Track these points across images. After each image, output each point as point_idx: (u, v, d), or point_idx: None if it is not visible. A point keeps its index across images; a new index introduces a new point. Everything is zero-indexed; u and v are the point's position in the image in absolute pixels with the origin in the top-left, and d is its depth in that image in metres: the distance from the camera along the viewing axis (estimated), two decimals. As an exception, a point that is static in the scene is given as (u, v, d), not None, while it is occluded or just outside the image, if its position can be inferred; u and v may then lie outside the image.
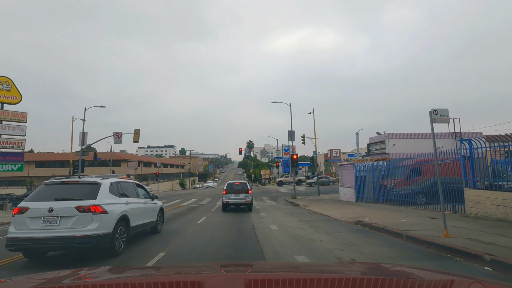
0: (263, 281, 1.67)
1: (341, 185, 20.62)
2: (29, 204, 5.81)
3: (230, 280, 1.75)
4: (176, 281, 1.61)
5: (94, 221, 5.71)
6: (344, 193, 19.97)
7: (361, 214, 11.88)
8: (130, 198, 7.28)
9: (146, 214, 8.09)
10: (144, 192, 8.59)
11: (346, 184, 19.71)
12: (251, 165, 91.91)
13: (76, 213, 5.65)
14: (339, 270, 2.15)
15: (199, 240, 8.07)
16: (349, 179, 19.18)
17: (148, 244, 7.61)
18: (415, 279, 1.60)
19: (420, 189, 13.36)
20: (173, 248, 7.07)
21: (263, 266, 2.75)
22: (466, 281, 1.53)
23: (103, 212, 5.87)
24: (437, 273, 1.97)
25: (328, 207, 16.43)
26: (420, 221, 9.37)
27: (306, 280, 1.63)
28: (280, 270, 2.26)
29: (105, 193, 6.27)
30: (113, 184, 6.80)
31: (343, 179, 20.37)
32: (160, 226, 9.38)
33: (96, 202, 5.88)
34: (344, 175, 20.11)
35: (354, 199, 18.24)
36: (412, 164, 14.54)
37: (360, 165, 18.03)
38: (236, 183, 16.98)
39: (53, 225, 5.58)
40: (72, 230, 5.57)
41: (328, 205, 17.28)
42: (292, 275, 1.90)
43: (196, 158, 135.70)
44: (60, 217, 5.61)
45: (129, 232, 6.88)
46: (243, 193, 16.27)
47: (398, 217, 10.35)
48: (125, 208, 6.72)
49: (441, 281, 1.52)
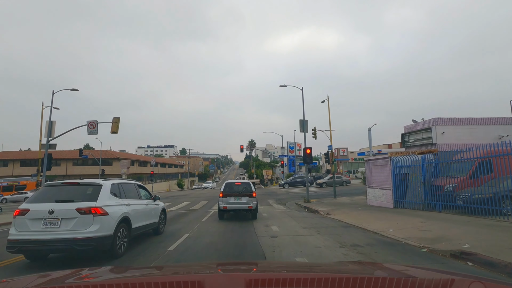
0: (264, 281, 1.67)
1: (369, 185, 16.24)
2: (30, 206, 5.80)
3: (231, 280, 1.72)
4: (177, 281, 1.63)
5: (94, 223, 5.67)
6: (374, 196, 15.58)
7: (437, 233, 7.47)
8: (131, 199, 7.22)
9: (148, 215, 7.97)
10: (146, 193, 8.50)
11: (377, 185, 15.33)
12: (252, 165, 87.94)
13: (76, 215, 5.64)
14: (339, 269, 2.11)
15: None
16: (382, 178, 14.80)
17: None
18: (416, 278, 1.58)
19: (506, 192, 9.02)
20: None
21: (264, 265, 2.71)
22: (467, 280, 1.53)
23: (104, 214, 5.82)
24: (438, 272, 1.94)
25: (361, 216, 12.06)
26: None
27: (307, 280, 1.64)
28: (280, 269, 2.26)
29: (106, 195, 6.23)
30: (114, 185, 6.77)
31: (373, 178, 15.98)
32: (162, 227, 9.26)
33: (97, 204, 5.85)
34: (375, 173, 15.74)
35: (391, 204, 13.86)
36: (479, 157, 10.17)
37: (400, 159, 13.66)
38: (237, 183, 12.66)
39: (53, 227, 5.57)
40: (72, 232, 5.54)
41: (359, 213, 12.91)
42: (292, 275, 1.90)
43: (196, 158, 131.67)
44: (61, 219, 5.61)
45: (131, 234, 6.77)
46: (246, 196, 11.94)
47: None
48: (127, 210, 6.66)
49: (441, 280, 1.51)
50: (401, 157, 13.75)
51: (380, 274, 1.83)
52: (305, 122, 20.94)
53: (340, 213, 13.34)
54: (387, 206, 14.15)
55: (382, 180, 14.86)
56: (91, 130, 19.77)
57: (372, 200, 15.75)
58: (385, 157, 14.48)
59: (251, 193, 12.02)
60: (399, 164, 13.73)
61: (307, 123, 21.11)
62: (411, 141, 16.01)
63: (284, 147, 51.01)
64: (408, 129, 16.62)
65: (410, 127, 16.55)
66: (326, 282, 1.52)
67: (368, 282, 1.57)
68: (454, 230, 7.59)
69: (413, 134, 16.10)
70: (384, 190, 14.61)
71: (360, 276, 1.78)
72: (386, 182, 14.46)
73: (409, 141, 16.33)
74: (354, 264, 2.56)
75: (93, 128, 19.78)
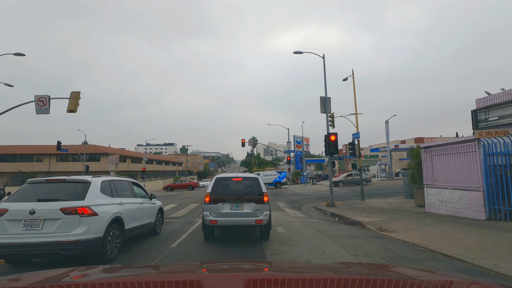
0: (262, 281, 1.64)
1: (428, 184, 11.13)
2: (8, 206, 5.21)
3: (230, 280, 1.67)
4: (176, 280, 1.58)
5: (81, 224, 5.12)
6: (440, 199, 10.45)
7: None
8: (125, 198, 6.59)
9: (143, 215, 7.33)
10: (141, 191, 7.90)
11: (447, 183, 10.22)
12: (254, 163, 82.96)
13: (61, 216, 5.07)
14: (339, 270, 2.07)
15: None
16: (459, 173, 9.70)
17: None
18: (415, 280, 1.55)
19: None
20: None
21: (263, 265, 2.64)
22: (465, 282, 1.53)
23: (92, 214, 5.24)
24: (436, 274, 1.93)
25: (452, 236, 6.98)
26: None
27: (306, 280, 1.59)
28: (279, 269, 2.24)
29: (95, 193, 5.64)
30: (105, 182, 6.16)
31: (435, 174, 10.86)
32: (159, 228, 8.49)
33: (84, 203, 5.26)
34: (440, 165, 10.63)
35: (481, 213, 8.77)
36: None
37: (499, 143, 8.53)
38: (236, 178, 7.48)
39: (34, 229, 5.02)
40: (56, 235, 4.98)
41: (439, 230, 7.82)
42: (291, 275, 1.87)
43: (196, 156, 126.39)
44: (43, 220, 5.06)
45: (124, 236, 6.16)
46: (251, 201, 6.89)
47: None
48: (119, 209, 6.05)
49: (440, 282, 1.50)
50: (500, 138, 8.60)
51: (379, 275, 1.80)
52: (328, 100, 15.77)
53: (402, 228, 8.23)
54: (471, 217, 9.03)
55: (459, 176, 9.73)
56: (40, 109, 14.67)
57: (437, 205, 10.61)
58: (467, 140, 9.33)
59: (261, 196, 6.91)
60: (498, 150, 8.60)
61: (330, 101, 15.95)
62: (493, 118, 10.89)
63: (291, 141, 45.69)
64: (484, 102, 11.45)
65: (486, 99, 11.41)
66: (325, 282, 1.53)
67: (367, 282, 1.53)
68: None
69: (494, 109, 10.95)
70: (463, 191, 9.47)
71: (359, 276, 1.74)
72: (468, 179, 9.33)
73: (487, 119, 11.17)
74: (355, 265, 2.48)
75: (43, 106, 14.68)
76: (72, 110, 14.50)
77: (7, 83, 17.10)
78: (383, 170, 49.21)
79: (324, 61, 15.85)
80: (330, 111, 16.01)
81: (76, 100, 14.76)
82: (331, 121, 20.82)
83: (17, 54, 15.22)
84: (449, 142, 10.21)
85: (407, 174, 16.13)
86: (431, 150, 11.13)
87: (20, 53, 15.33)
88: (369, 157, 60.31)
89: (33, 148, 48.95)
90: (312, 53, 16.26)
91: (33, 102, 14.71)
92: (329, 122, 15.92)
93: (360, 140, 18.22)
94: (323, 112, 15.70)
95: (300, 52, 16.21)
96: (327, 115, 15.72)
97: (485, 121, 11.31)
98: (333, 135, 14.72)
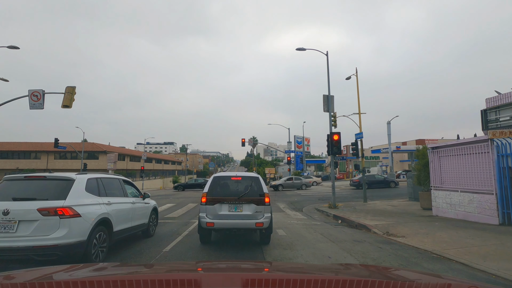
0: (260, 281, 1.62)
1: (435, 186, 10.65)
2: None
3: (228, 279, 1.64)
4: (173, 279, 1.58)
5: (62, 227, 4.58)
6: (448, 202, 9.98)
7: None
8: (114, 197, 6.08)
9: (135, 216, 6.82)
10: (133, 190, 7.38)
11: (456, 185, 9.75)
12: (254, 163, 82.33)
13: (38, 217, 4.54)
14: (338, 271, 2.04)
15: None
16: (469, 175, 9.24)
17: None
18: (413, 282, 1.56)
19: None
20: None
21: (261, 265, 2.54)
22: (463, 285, 1.54)
23: (74, 216, 4.72)
24: (435, 277, 1.86)
25: (467, 242, 6.50)
26: None
27: (303, 281, 1.57)
28: (278, 270, 2.19)
29: (79, 192, 5.11)
30: (91, 180, 5.61)
31: (443, 176, 10.39)
32: (153, 229, 8.04)
33: (65, 203, 4.74)
34: (448, 166, 10.15)
35: (494, 217, 8.30)
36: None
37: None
38: (234, 177, 7.00)
39: (8, 231, 4.49)
40: (32, 238, 4.46)
41: (452, 235, 7.35)
42: (289, 275, 1.83)
43: (196, 155, 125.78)
44: (18, 221, 4.54)
45: (112, 238, 5.67)
46: (251, 202, 6.40)
47: None
48: (106, 210, 5.53)
49: (438, 285, 1.49)
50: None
51: (378, 277, 1.77)
52: (331, 98, 15.30)
53: (410, 232, 7.76)
54: (483, 221, 8.55)
55: (469, 178, 9.25)
56: (34, 103, 14.21)
57: (445, 208, 10.14)
58: (479, 140, 8.86)
59: (261, 197, 6.43)
60: (510, 152, 8.12)
61: (333, 99, 15.48)
62: (504, 118, 10.40)
63: (291, 142, 45.21)
64: (495, 101, 10.97)
65: (497, 99, 10.94)
66: (323, 283, 1.51)
67: (365, 284, 1.50)
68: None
69: (506, 108, 10.47)
70: (474, 194, 9.00)
71: (357, 278, 1.72)
72: (479, 182, 8.86)
73: (498, 119, 10.69)
74: (353, 266, 2.46)
75: (37, 101, 14.22)
76: (67, 105, 14.03)
77: (1, 78, 16.62)
78: (384, 171, 48.78)
79: (328, 58, 15.36)
80: (333, 110, 15.54)
81: (71, 95, 14.30)
82: (334, 121, 20.35)
83: (11, 47, 14.74)
84: (460, 142, 9.74)
85: (411, 175, 15.64)
86: (439, 151, 10.65)
87: (14, 46, 14.85)
88: (370, 158, 59.73)
89: (31, 145, 48.42)
90: (316, 50, 15.78)
91: (27, 96, 14.25)
92: (331, 121, 15.43)
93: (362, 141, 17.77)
94: (326, 110, 15.23)
95: (303, 49, 15.72)
96: (330, 113, 15.24)
97: (496, 121, 10.84)
98: (336, 134, 14.25)
